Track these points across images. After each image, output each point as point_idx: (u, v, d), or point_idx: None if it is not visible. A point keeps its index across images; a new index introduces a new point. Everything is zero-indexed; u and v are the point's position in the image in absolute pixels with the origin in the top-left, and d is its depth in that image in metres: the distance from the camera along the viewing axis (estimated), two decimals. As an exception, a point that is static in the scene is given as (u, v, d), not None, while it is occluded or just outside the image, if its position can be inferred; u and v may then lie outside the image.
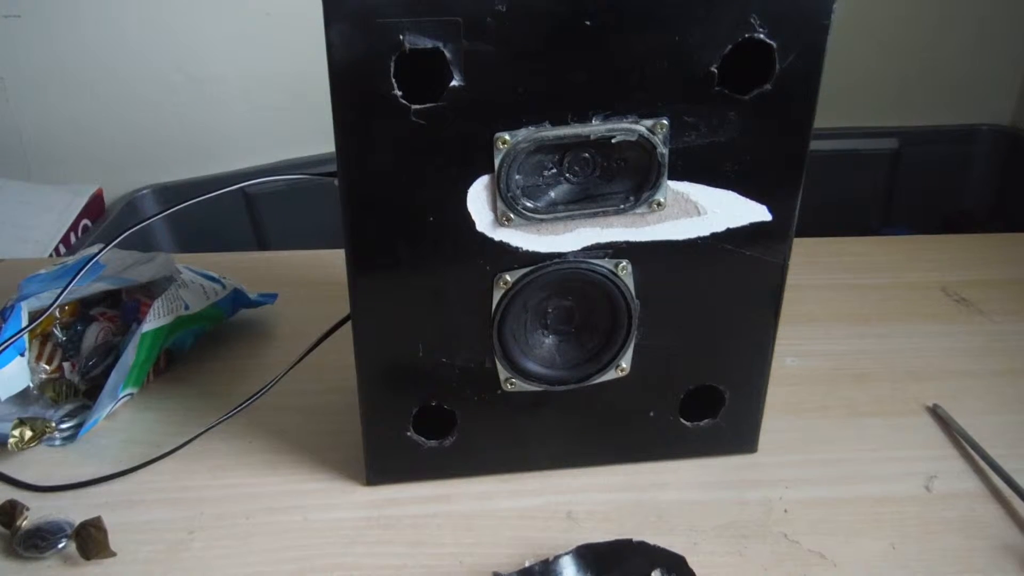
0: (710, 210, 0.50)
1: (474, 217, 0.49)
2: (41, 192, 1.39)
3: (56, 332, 0.66)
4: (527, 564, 0.49)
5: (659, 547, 0.49)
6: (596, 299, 0.53)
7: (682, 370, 0.56)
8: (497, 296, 0.51)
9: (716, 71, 0.46)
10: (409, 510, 0.55)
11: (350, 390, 0.54)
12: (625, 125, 0.47)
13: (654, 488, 0.57)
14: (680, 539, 0.52)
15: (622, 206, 0.49)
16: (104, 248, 0.58)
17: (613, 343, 0.54)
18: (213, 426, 0.60)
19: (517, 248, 0.50)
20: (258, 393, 0.61)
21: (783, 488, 0.57)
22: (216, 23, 1.42)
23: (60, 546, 0.51)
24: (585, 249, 0.50)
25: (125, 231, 0.56)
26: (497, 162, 0.47)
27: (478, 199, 0.48)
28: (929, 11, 1.61)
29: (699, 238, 0.51)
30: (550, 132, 0.47)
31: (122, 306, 0.68)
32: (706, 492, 0.57)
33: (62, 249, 1.30)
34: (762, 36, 0.46)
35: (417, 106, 0.45)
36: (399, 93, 0.45)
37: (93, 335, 0.66)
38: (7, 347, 0.59)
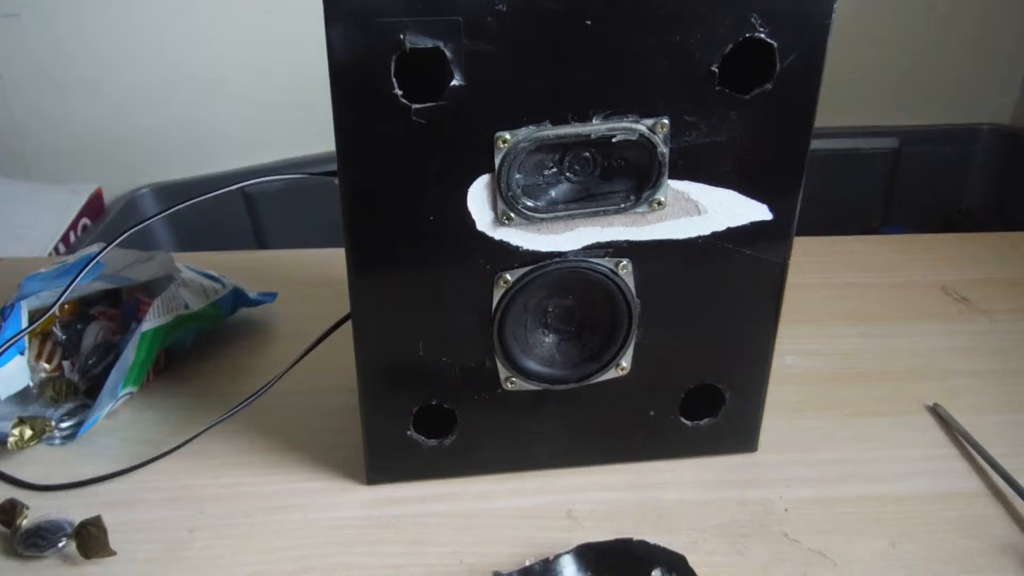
0: (710, 209, 0.50)
1: (474, 216, 0.49)
2: (41, 191, 1.39)
3: (56, 331, 0.66)
4: (527, 563, 0.49)
5: (659, 546, 0.49)
6: (596, 298, 0.53)
7: (682, 369, 0.56)
8: (497, 295, 0.51)
9: (717, 70, 0.46)
10: (409, 509, 0.55)
11: (350, 390, 0.54)
12: (626, 124, 0.47)
13: (654, 487, 0.57)
14: (680, 538, 0.52)
15: (622, 205, 0.49)
16: (106, 248, 0.58)
17: (613, 342, 0.54)
18: (213, 426, 0.60)
19: (517, 247, 0.50)
20: (258, 393, 0.61)
21: (783, 487, 0.57)
22: (216, 23, 1.42)
23: (60, 545, 0.51)
24: (585, 248, 0.50)
25: (125, 231, 0.56)
26: (497, 161, 0.47)
27: (478, 198, 0.48)
28: (929, 10, 1.61)
29: (699, 237, 0.51)
30: (550, 131, 0.47)
31: (122, 305, 0.68)
32: (706, 491, 0.57)
33: (62, 248, 1.30)
34: (763, 36, 0.46)
35: (417, 105, 0.45)
36: (399, 93, 0.45)
37: (93, 334, 0.66)
38: (8, 347, 0.59)
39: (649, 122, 0.47)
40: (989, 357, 0.71)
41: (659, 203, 0.49)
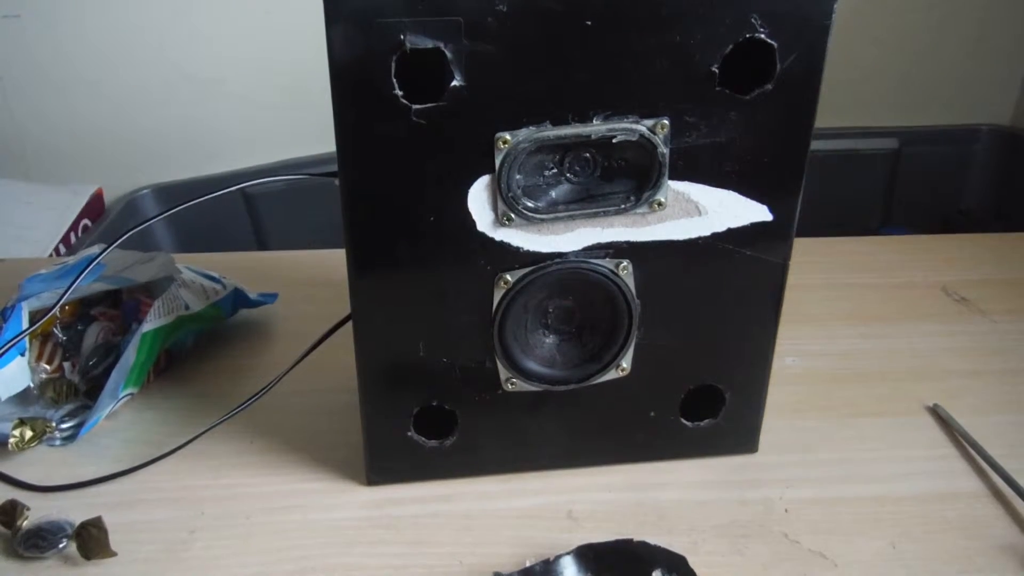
0: (711, 210, 0.50)
1: (475, 217, 0.49)
2: (41, 192, 1.39)
3: (56, 332, 0.66)
4: (528, 564, 0.49)
5: (660, 547, 0.49)
6: (597, 299, 0.53)
7: (682, 370, 0.56)
8: (498, 296, 0.51)
9: (717, 71, 0.46)
10: (409, 510, 0.55)
11: (350, 390, 0.54)
12: (626, 125, 0.47)
13: (654, 488, 0.57)
14: (681, 539, 0.53)
15: (623, 206, 0.49)
16: (107, 248, 0.58)
17: (613, 343, 0.54)
18: (213, 426, 0.60)
19: (518, 248, 0.50)
20: (258, 393, 0.61)
21: (783, 488, 0.57)
22: (216, 23, 1.42)
23: (61, 546, 0.51)
24: (586, 249, 0.51)
25: (126, 232, 0.56)
26: (498, 162, 0.47)
27: (479, 199, 0.48)
28: (929, 11, 1.61)
29: (700, 238, 0.51)
30: (551, 132, 0.47)
31: (122, 306, 0.68)
32: (706, 492, 0.57)
33: (62, 249, 1.30)
34: (763, 36, 0.46)
35: (418, 106, 0.45)
36: (400, 93, 0.45)
37: (94, 335, 0.66)
38: (9, 348, 0.59)
39: (649, 123, 0.47)
40: (989, 358, 0.71)
41: (659, 204, 0.49)
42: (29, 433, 0.58)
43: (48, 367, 0.64)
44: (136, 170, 1.48)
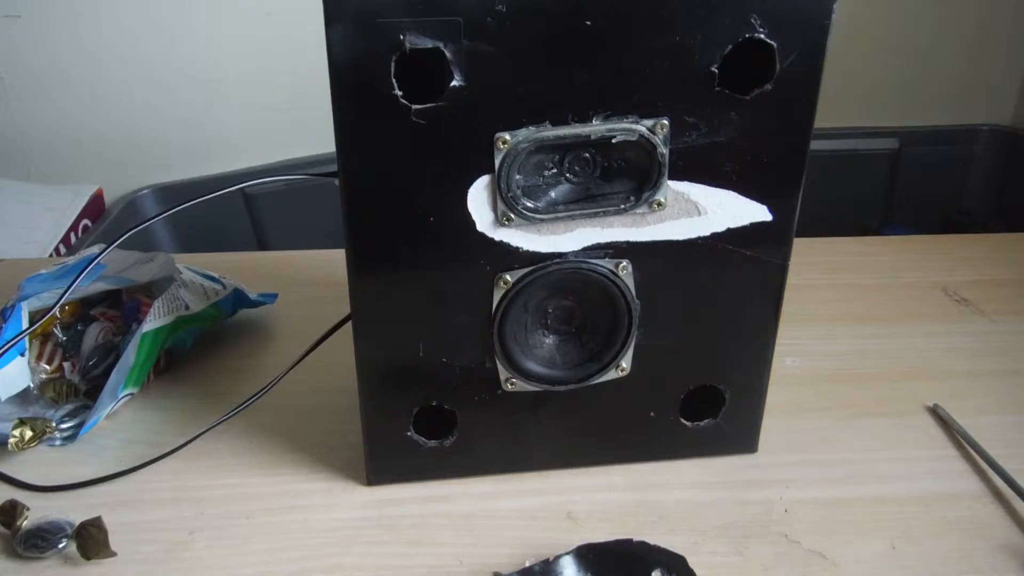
0: (710, 210, 0.50)
1: (474, 217, 0.49)
2: (41, 192, 1.39)
3: (56, 332, 0.66)
4: (527, 564, 0.49)
5: (659, 547, 0.49)
6: (596, 299, 0.53)
7: (682, 370, 0.56)
8: (497, 296, 0.51)
9: (716, 71, 0.46)
10: (409, 510, 0.55)
11: (350, 390, 0.54)
12: (626, 125, 0.47)
13: (654, 488, 0.57)
14: (680, 539, 0.52)
15: (622, 206, 0.49)
16: (107, 249, 0.58)
17: (613, 343, 0.54)
18: (213, 426, 0.60)
19: (517, 248, 0.50)
20: (258, 393, 0.61)
21: (783, 488, 0.57)
22: (216, 23, 1.42)
23: (60, 546, 0.51)
24: (585, 249, 0.51)
25: (126, 232, 0.56)
26: (497, 162, 0.47)
27: (478, 199, 0.48)
28: (929, 11, 1.61)
29: (699, 238, 0.51)
30: (550, 132, 0.47)
31: (123, 306, 0.68)
32: (706, 492, 0.57)
33: (62, 249, 1.30)
34: (763, 36, 0.46)
35: (418, 106, 0.45)
36: (399, 93, 0.45)
37: (94, 335, 0.66)
38: (9, 348, 0.59)
39: (649, 123, 0.47)
40: (989, 358, 0.71)
41: (659, 204, 0.49)
42: (29, 433, 0.58)
43: (48, 367, 0.64)
44: (136, 170, 1.48)
